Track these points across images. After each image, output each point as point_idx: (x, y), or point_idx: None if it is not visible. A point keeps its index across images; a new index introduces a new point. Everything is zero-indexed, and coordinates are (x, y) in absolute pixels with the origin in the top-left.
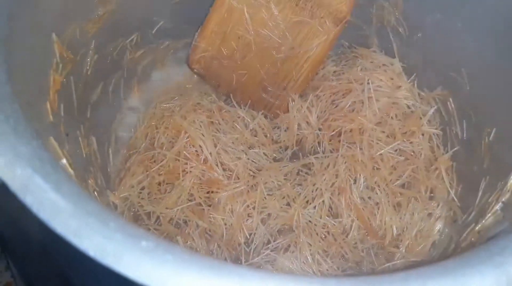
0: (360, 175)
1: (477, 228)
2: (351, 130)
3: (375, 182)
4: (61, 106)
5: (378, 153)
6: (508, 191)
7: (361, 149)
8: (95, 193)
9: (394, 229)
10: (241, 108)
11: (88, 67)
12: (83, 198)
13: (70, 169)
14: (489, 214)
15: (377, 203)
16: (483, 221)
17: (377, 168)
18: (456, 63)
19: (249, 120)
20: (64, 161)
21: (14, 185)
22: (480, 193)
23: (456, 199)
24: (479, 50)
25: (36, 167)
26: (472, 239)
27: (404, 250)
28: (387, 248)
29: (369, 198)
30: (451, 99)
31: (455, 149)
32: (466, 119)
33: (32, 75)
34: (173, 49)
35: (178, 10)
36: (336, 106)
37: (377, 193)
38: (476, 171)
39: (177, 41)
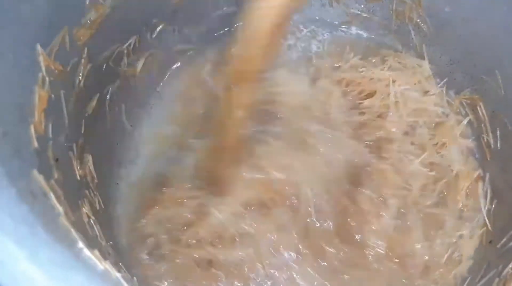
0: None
1: None
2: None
3: (405, 204)
4: (49, 127)
5: (409, 169)
6: None
7: (392, 165)
8: (91, 221)
9: (426, 257)
10: None
11: (80, 78)
12: (64, 265)
13: (58, 206)
14: None
15: (408, 228)
16: None
17: (408, 189)
18: (489, 65)
19: None
20: (51, 195)
21: None
22: None
23: (486, 220)
24: None
25: (8, 229)
26: None
27: (436, 279)
28: (416, 280)
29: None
30: (481, 104)
31: (487, 160)
32: (500, 127)
33: (11, 96)
34: (176, 54)
35: (180, 11)
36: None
37: (407, 217)
38: None
39: (179, 45)
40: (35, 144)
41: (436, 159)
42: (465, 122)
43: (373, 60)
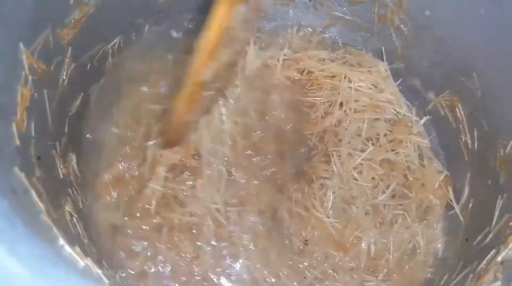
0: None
1: (499, 258)
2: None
3: (352, 197)
4: (31, 125)
5: (356, 162)
6: None
7: (338, 156)
8: (74, 219)
9: (372, 248)
10: None
11: (64, 77)
12: (44, 260)
13: (39, 203)
14: None
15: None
16: (506, 250)
17: (355, 180)
18: (467, 67)
19: None
20: (33, 192)
21: None
22: (497, 213)
23: (461, 218)
24: (493, 53)
25: None
26: (497, 274)
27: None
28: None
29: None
30: (460, 105)
31: (465, 160)
32: (477, 128)
33: None
34: (161, 53)
35: (165, 11)
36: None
37: (353, 209)
38: (491, 186)
39: (165, 44)
40: (17, 142)
41: (390, 156)
42: (422, 121)
43: (335, 55)
